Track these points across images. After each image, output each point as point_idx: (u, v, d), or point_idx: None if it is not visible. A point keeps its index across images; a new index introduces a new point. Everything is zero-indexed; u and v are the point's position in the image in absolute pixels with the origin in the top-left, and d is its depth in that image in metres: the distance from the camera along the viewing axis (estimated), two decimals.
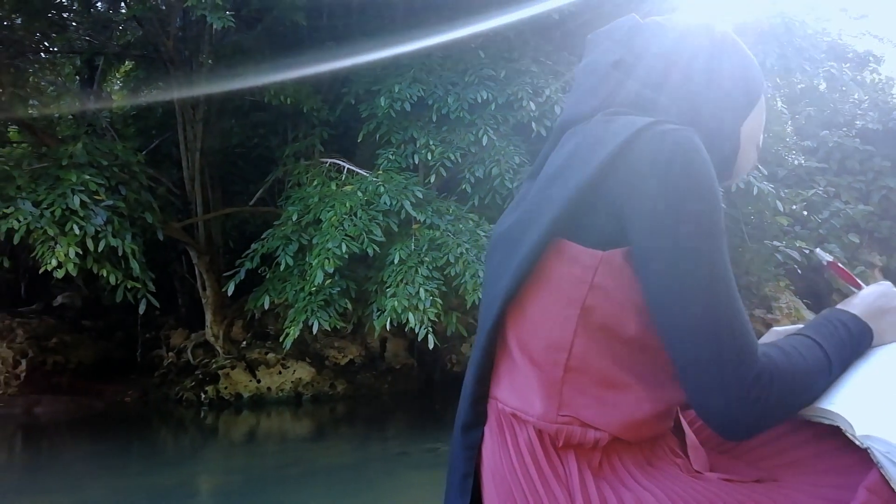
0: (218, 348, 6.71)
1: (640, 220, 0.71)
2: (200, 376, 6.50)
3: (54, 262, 4.33)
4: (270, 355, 6.64)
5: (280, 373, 6.58)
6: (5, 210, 4.34)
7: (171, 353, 7.05)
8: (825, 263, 0.94)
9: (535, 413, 0.76)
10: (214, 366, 6.56)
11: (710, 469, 0.78)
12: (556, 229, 0.75)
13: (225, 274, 5.67)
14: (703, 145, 0.73)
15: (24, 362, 6.38)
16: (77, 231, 4.43)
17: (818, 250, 0.97)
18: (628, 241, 0.72)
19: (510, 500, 0.76)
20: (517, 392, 0.79)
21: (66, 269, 4.37)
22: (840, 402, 0.75)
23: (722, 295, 0.69)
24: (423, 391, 7.04)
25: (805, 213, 7.73)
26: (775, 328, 0.86)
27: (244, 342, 6.85)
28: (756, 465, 0.81)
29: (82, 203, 4.53)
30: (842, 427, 0.74)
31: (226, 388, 6.41)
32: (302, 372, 6.61)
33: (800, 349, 0.75)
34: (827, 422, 0.76)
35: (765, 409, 0.70)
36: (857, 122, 9.07)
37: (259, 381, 6.50)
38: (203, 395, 6.35)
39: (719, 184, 0.80)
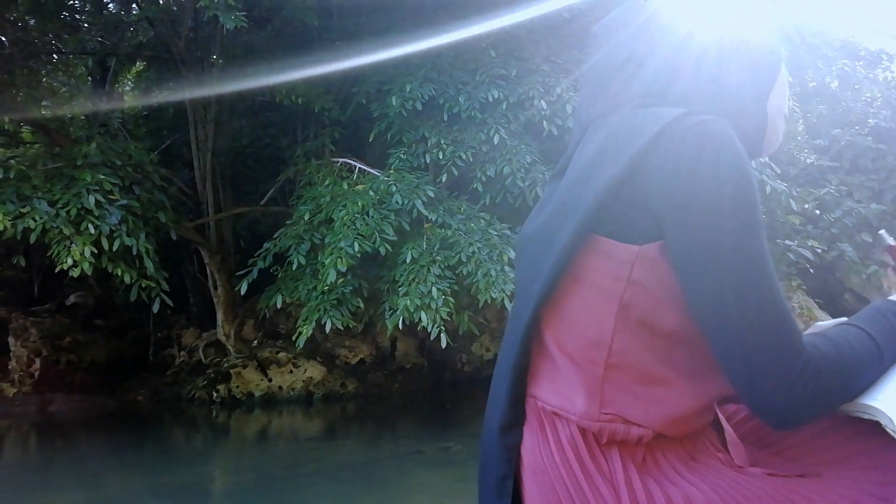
0: (229, 347, 6.74)
1: (676, 214, 0.70)
2: (212, 375, 6.53)
3: (70, 262, 4.36)
4: (282, 354, 6.67)
5: (291, 372, 6.61)
6: (22, 209, 4.38)
7: (182, 353, 7.09)
8: (888, 245, 0.93)
9: (578, 412, 0.75)
10: (226, 365, 6.60)
11: (750, 464, 0.78)
12: (589, 226, 0.74)
13: (237, 273, 5.70)
14: (732, 130, 0.72)
15: (37, 361, 6.43)
16: (92, 230, 4.47)
17: (882, 232, 0.96)
18: (664, 234, 0.71)
19: (552, 495, 0.76)
20: (558, 391, 0.78)
21: (82, 268, 4.40)
22: (883, 399, 0.75)
23: (763, 285, 0.69)
24: (433, 391, 7.04)
25: (817, 211, 7.67)
26: (818, 322, 0.86)
27: (255, 341, 6.88)
28: (798, 461, 0.80)
29: (97, 202, 4.56)
30: (882, 423, 0.73)
31: (237, 386, 6.44)
32: (313, 371, 6.63)
33: (848, 338, 0.75)
34: (867, 416, 0.76)
35: (814, 397, 0.70)
36: (870, 121, 8.98)
37: (270, 380, 6.53)
38: (215, 394, 6.38)
39: (751, 160, 0.79)
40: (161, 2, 6.24)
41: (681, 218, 0.70)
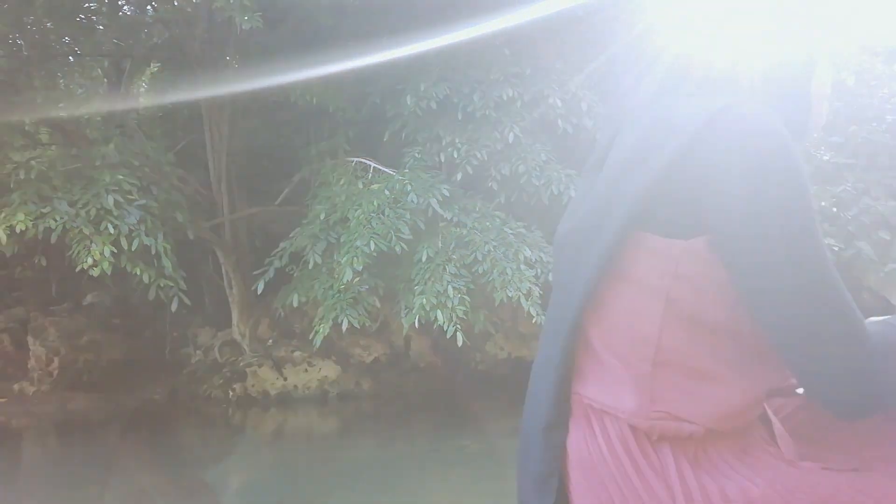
0: (245, 346, 6.78)
1: (728, 209, 0.68)
2: (228, 374, 6.57)
3: (90, 261, 4.41)
4: (297, 353, 6.70)
5: (306, 371, 6.63)
6: (42, 210, 4.43)
7: (198, 352, 7.13)
8: None
9: (628, 410, 0.75)
10: (242, 364, 6.63)
11: (799, 458, 0.77)
12: (633, 222, 0.72)
13: (254, 273, 5.73)
14: (777, 118, 0.70)
15: (56, 360, 6.49)
16: (111, 230, 4.52)
17: None
18: (710, 228, 0.70)
19: (603, 491, 0.75)
20: (606, 389, 0.77)
21: (101, 268, 4.45)
22: None
23: (822, 275, 0.68)
24: (447, 390, 7.04)
25: (834, 209, 7.59)
26: (871, 319, 0.85)
27: (270, 340, 6.92)
28: (851, 456, 0.79)
29: (116, 202, 4.61)
30: None
31: (253, 385, 6.47)
32: (328, 370, 6.65)
33: None
34: None
35: (881, 385, 0.69)
36: (888, 117, 8.86)
37: (286, 379, 6.56)
38: (231, 393, 6.42)
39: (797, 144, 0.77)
40: (176, 3, 6.27)
41: (730, 213, 0.68)
